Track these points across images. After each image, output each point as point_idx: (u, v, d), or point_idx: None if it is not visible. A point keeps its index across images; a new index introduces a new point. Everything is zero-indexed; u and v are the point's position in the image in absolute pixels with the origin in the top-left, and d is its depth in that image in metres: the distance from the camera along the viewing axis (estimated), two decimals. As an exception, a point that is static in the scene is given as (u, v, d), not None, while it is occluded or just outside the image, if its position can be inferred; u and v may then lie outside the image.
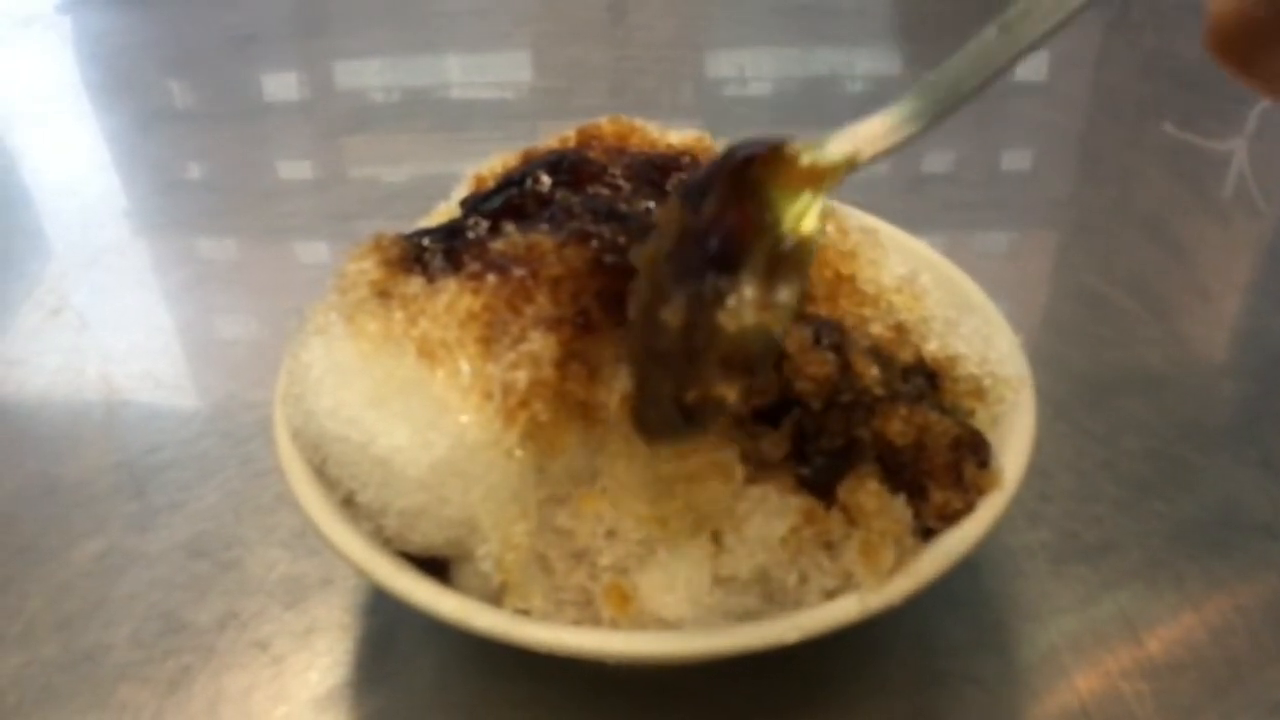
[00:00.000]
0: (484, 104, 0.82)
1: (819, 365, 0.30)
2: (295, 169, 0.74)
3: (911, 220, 0.43)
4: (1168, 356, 0.51)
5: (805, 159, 0.26)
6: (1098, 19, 0.85)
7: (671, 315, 0.25)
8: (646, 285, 0.27)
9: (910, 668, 0.36)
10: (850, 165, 0.26)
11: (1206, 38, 0.21)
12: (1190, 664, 0.36)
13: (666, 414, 0.26)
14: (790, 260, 0.25)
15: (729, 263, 0.25)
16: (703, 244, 0.25)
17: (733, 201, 0.25)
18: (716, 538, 0.30)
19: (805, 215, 0.25)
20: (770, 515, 0.30)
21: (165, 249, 0.63)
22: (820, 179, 0.26)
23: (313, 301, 0.34)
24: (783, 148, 0.26)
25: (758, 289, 0.25)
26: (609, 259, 0.31)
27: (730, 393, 0.25)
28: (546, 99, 0.82)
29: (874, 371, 0.30)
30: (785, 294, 0.25)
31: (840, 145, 0.26)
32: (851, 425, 0.30)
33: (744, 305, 0.25)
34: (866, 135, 0.25)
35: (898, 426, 0.30)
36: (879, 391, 0.30)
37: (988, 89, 0.24)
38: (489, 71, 0.88)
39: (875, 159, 0.25)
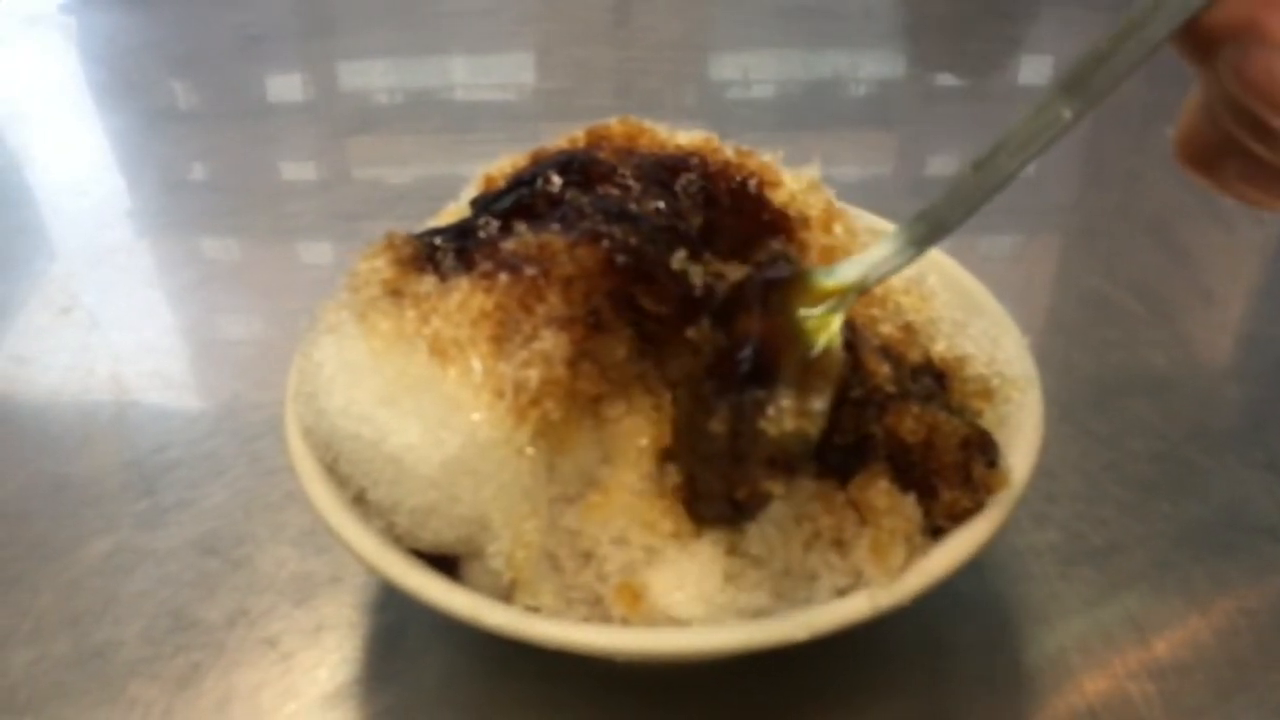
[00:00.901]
0: (488, 105, 0.82)
1: None
2: (301, 169, 0.74)
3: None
4: (1173, 359, 0.51)
5: (823, 283, 0.30)
6: (1102, 23, 0.85)
7: (718, 425, 0.28)
8: (688, 398, 0.30)
9: (917, 668, 0.36)
10: (861, 287, 0.29)
11: (1174, 152, 0.24)
12: (1196, 665, 0.36)
13: (719, 508, 0.30)
14: (818, 370, 0.28)
15: (765, 375, 0.28)
16: (739, 360, 0.29)
17: (763, 321, 0.29)
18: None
19: (827, 331, 0.29)
20: (786, 499, 0.30)
21: (172, 249, 0.63)
22: (835, 295, 0.29)
23: (319, 301, 0.34)
24: (803, 275, 0.30)
25: (793, 399, 0.28)
26: (620, 259, 0.31)
27: (776, 488, 0.28)
28: (551, 100, 0.82)
29: (885, 370, 0.31)
30: (818, 403, 0.28)
31: (852, 270, 0.30)
32: (863, 422, 0.30)
33: (783, 414, 0.28)
34: (872, 263, 0.29)
35: (909, 424, 0.30)
36: (890, 390, 0.31)
37: (970, 218, 0.28)
38: (493, 73, 0.88)
39: (880, 280, 0.29)
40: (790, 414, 0.28)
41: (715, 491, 0.29)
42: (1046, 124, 0.25)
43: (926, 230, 0.28)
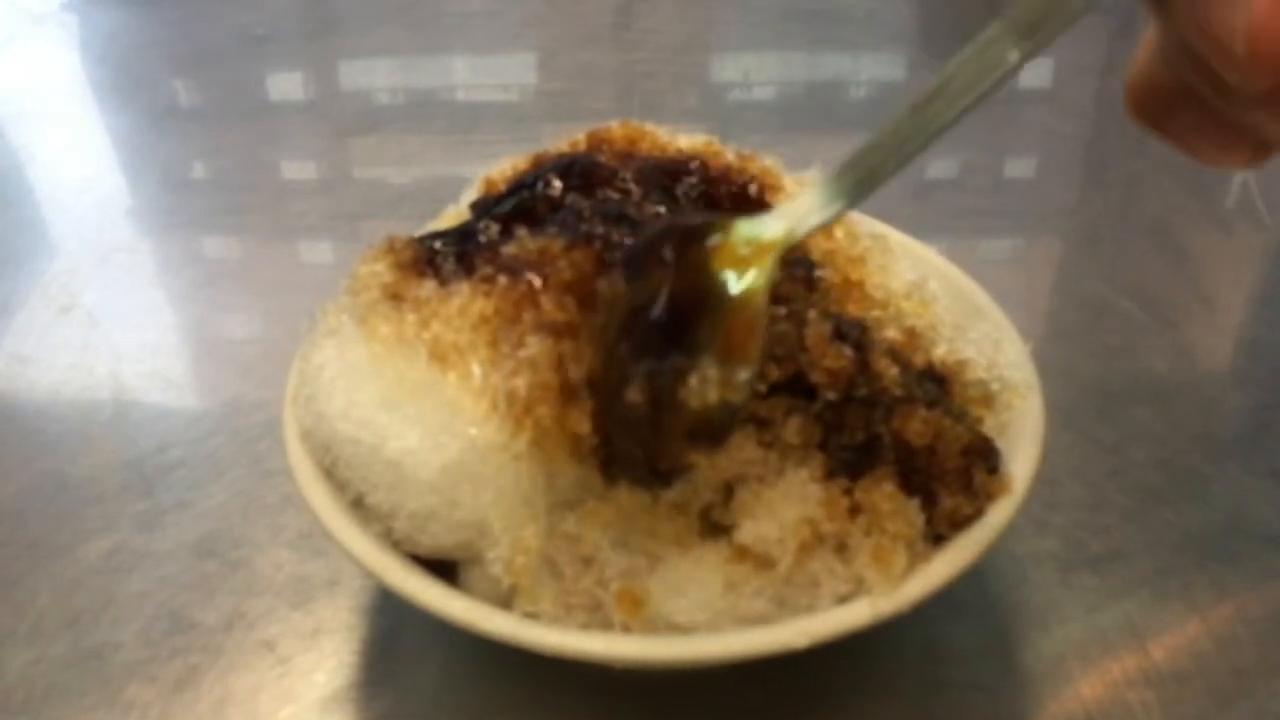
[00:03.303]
0: (491, 106, 0.82)
1: (835, 359, 0.30)
2: (303, 169, 0.74)
3: (918, 227, 0.43)
4: (1175, 365, 0.51)
5: (745, 234, 0.27)
6: (1103, 26, 0.85)
7: (635, 394, 0.27)
8: (603, 358, 0.28)
9: (916, 675, 0.36)
10: (789, 240, 0.27)
11: (1125, 100, 0.23)
12: (1196, 674, 0.36)
13: (639, 474, 0.28)
14: (743, 333, 0.27)
15: (683, 338, 0.26)
16: (654, 320, 0.27)
17: (679, 278, 0.27)
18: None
19: (753, 288, 0.27)
20: (791, 499, 0.30)
21: (174, 248, 0.63)
22: (761, 254, 0.27)
23: (321, 302, 0.34)
24: (720, 224, 0.28)
25: (717, 367, 0.26)
26: (618, 260, 0.31)
27: (699, 460, 0.28)
28: (554, 102, 0.82)
29: (894, 372, 0.31)
30: (744, 372, 0.26)
31: (777, 223, 0.27)
32: (872, 422, 0.30)
33: (706, 384, 0.26)
34: (799, 212, 0.27)
35: (916, 427, 0.30)
36: (898, 392, 0.31)
37: (906, 168, 0.25)
38: (497, 74, 0.88)
39: (808, 234, 0.27)
40: (714, 384, 0.26)
41: (634, 458, 0.28)
42: (991, 65, 0.23)
43: (856, 180, 0.26)
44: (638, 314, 0.27)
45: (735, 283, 0.27)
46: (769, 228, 0.27)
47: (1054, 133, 0.74)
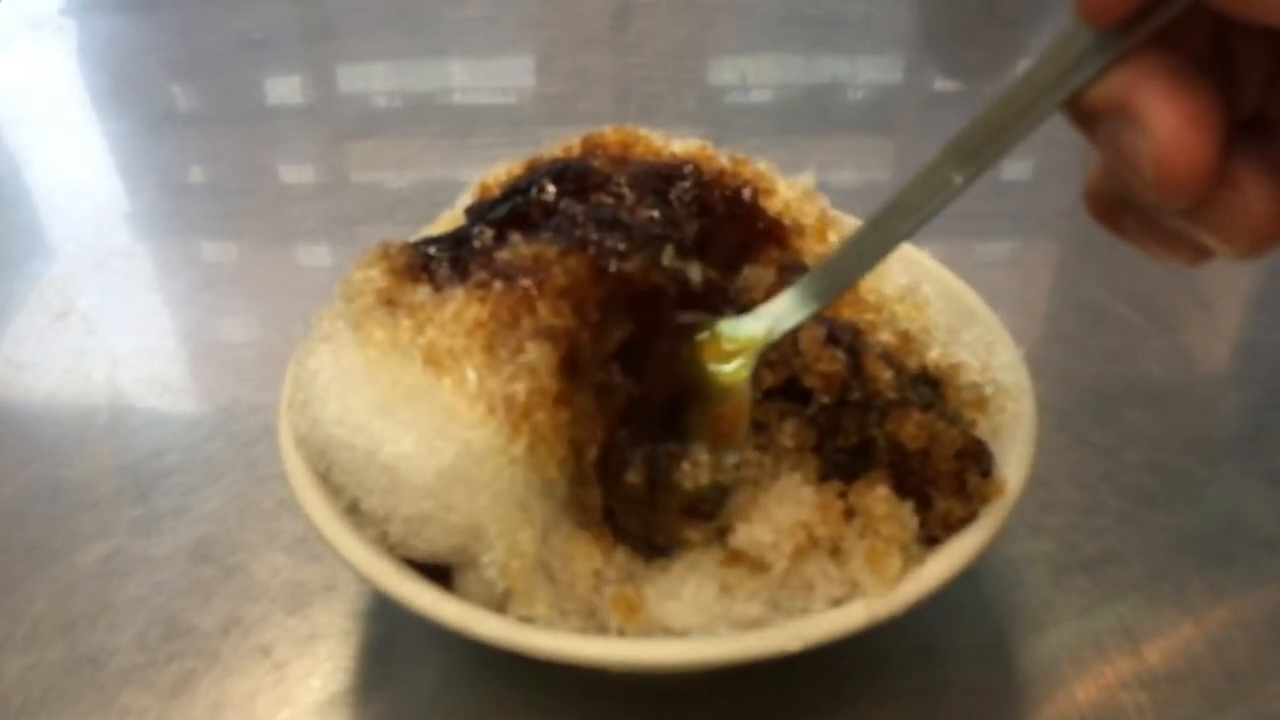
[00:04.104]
0: (489, 110, 0.82)
1: (829, 363, 0.31)
2: (301, 173, 0.74)
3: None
4: (1171, 368, 0.51)
5: (729, 333, 0.31)
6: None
7: (634, 476, 0.30)
8: (600, 442, 0.31)
9: (911, 678, 0.36)
10: (768, 338, 0.30)
11: (1085, 206, 0.25)
12: (1190, 676, 0.36)
13: (638, 545, 0.31)
14: (728, 422, 0.30)
15: (676, 425, 0.30)
16: (651, 409, 0.30)
17: (672, 371, 0.31)
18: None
19: (736, 382, 0.30)
20: (785, 503, 0.30)
21: (171, 253, 0.63)
22: (743, 350, 0.30)
23: (318, 306, 0.34)
24: (707, 323, 0.31)
25: (708, 453, 0.30)
26: (612, 265, 0.31)
27: (695, 535, 0.30)
28: (551, 106, 0.82)
29: (887, 376, 0.31)
30: (732, 457, 0.30)
31: (757, 324, 0.30)
32: (865, 425, 0.31)
33: (698, 468, 0.30)
34: (776, 314, 0.30)
35: (911, 430, 0.31)
36: (892, 395, 0.31)
37: (869, 274, 0.29)
38: (494, 78, 0.88)
39: (784, 334, 0.30)
40: (705, 468, 0.29)
41: (634, 531, 0.31)
42: (937, 188, 0.25)
43: (827, 285, 0.29)
44: (635, 405, 0.31)
45: (722, 374, 0.30)
46: (749, 328, 0.30)
47: (1051, 136, 0.74)
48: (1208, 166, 0.20)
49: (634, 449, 0.30)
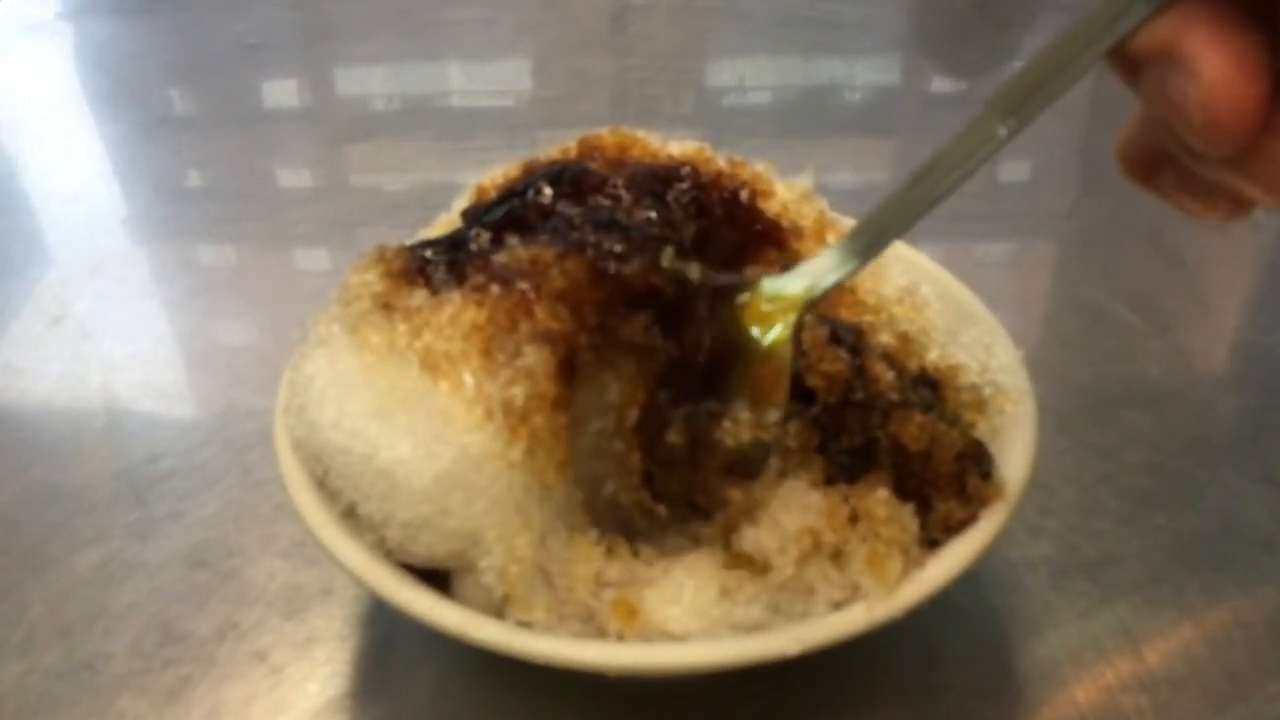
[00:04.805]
0: (486, 113, 0.82)
1: (831, 363, 0.31)
2: (298, 177, 0.74)
3: (913, 231, 0.43)
4: (1169, 370, 0.51)
5: (770, 292, 0.30)
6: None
7: (676, 436, 0.30)
8: (643, 404, 0.31)
9: (911, 680, 0.36)
10: (809, 296, 0.30)
11: (1118, 162, 0.25)
12: (1190, 678, 0.36)
13: (678, 509, 0.31)
14: (769, 379, 0.30)
15: (717, 385, 0.30)
16: (692, 370, 0.30)
17: (713, 331, 0.31)
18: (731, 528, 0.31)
19: (776, 339, 0.30)
20: (792, 508, 0.30)
21: (167, 257, 0.63)
22: (785, 309, 0.30)
23: (315, 310, 0.34)
24: (748, 283, 0.31)
25: (749, 410, 0.30)
26: (610, 268, 0.31)
27: (736, 495, 0.30)
28: (548, 108, 0.82)
29: (889, 377, 0.31)
30: (773, 413, 0.30)
31: (798, 281, 0.30)
32: (868, 426, 0.31)
33: (740, 425, 0.30)
34: (818, 271, 0.30)
35: (913, 431, 0.31)
36: (893, 397, 0.31)
37: (910, 230, 0.28)
38: (491, 80, 0.88)
39: (826, 291, 0.30)
40: (746, 425, 0.29)
41: (674, 493, 0.31)
42: (981, 141, 0.25)
43: (868, 243, 0.29)
44: (676, 365, 0.31)
45: (763, 335, 0.30)
46: (791, 285, 0.30)
47: (1048, 137, 0.74)
48: (1255, 110, 0.20)
49: (674, 410, 0.30)
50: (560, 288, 0.30)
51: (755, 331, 0.30)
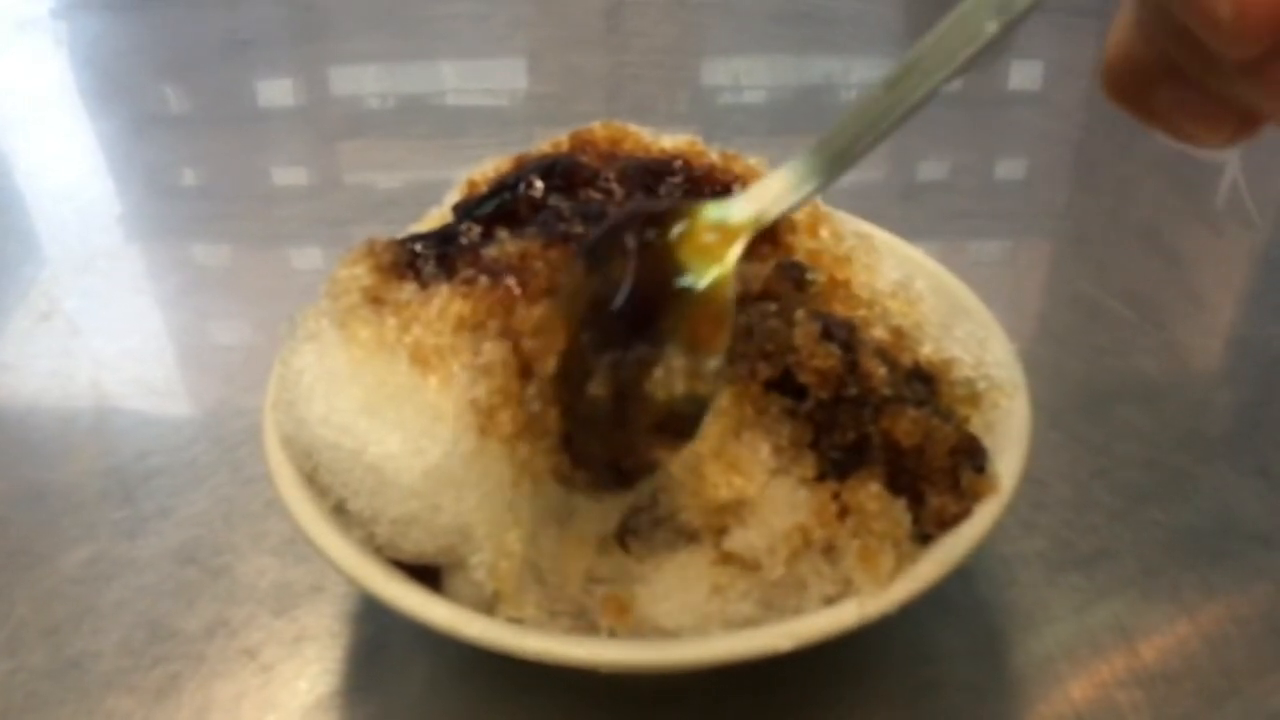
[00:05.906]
0: (480, 110, 0.82)
1: (824, 359, 0.30)
2: (290, 174, 0.74)
3: (907, 228, 0.43)
4: (1164, 365, 0.51)
5: (712, 218, 0.26)
6: (1092, 29, 0.85)
7: (598, 387, 0.25)
8: (562, 350, 0.27)
9: (905, 676, 0.36)
10: (758, 224, 0.26)
11: (1101, 81, 0.22)
12: (1186, 673, 0.36)
13: (600, 475, 0.27)
14: (711, 322, 0.25)
15: (648, 329, 0.25)
16: (618, 311, 0.26)
17: (643, 266, 0.26)
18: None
19: (720, 276, 0.25)
20: (781, 507, 0.30)
21: (158, 254, 0.63)
22: (729, 239, 0.26)
23: (305, 307, 0.34)
24: (687, 209, 0.26)
25: (684, 356, 0.25)
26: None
27: (666, 457, 0.26)
28: (542, 105, 0.82)
29: (882, 372, 0.31)
30: (713, 361, 0.25)
31: (746, 206, 0.26)
32: (861, 421, 0.30)
33: (673, 375, 0.25)
34: (769, 195, 0.26)
35: (906, 426, 0.30)
36: (886, 392, 0.30)
37: (881, 145, 0.24)
38: (485, 78, 0.88)
39: (779, 218, 0.26)
40: (681, 374, 0.25)
41: (596, 457, 0.26)
42: (968, 37, 0.22)
43: (829, 159, 0.25)
44: (600, 305, 0.26)
45: (702, 270, 0.26)
46: (737, 211, 0.26)
47: (1044, 134, 0.74)
48: None
49: (598, 357, 0.26)
50: (546, 281, 0.30)
51: (694, 266, 0.26)
